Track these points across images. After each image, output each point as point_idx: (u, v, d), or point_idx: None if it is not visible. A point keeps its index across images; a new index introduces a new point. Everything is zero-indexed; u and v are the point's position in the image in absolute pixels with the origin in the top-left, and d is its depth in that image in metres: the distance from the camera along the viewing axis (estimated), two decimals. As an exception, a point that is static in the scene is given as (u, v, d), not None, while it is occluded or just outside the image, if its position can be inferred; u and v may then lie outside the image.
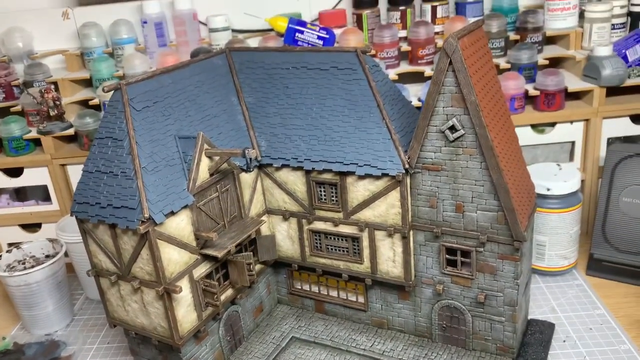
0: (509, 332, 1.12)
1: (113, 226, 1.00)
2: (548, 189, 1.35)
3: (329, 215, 1.18)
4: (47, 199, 1.64)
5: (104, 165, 1.02)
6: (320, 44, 1.55)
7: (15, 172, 1.61)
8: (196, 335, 1.11)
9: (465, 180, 1.03)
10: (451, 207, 1.07)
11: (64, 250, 1.42)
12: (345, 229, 1.18)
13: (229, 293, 1.17)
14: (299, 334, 1.28)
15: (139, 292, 1.05)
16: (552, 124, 1.53)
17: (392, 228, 1.12)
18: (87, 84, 1.72)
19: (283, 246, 1.28)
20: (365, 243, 1.17)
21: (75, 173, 1.58)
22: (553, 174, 1.39)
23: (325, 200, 1.18)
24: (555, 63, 1.65)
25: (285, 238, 1.26)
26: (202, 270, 1.09)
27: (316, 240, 1.23)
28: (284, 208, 1.23)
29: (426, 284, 1.16)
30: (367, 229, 1.15)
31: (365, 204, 1.13)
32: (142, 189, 0.96)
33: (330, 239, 1.21)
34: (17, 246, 1.46)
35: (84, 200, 1.03)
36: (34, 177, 1.61)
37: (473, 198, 1.04)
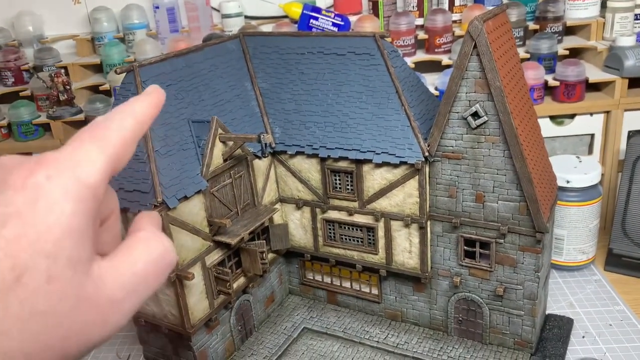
0: (528, 327, 1.09)
1: (125, 210, 0.98)
2: (568, 182, 1.31)
3: (344, 204, 1.16)
4: (56, 185, 1.62)
5: (115, 148, 0.99)
6: (335, 30, 1.52)
7: (24, 158, 1.59)
8: (207, 324, 1.08)
9: (486, 169, 1.00)
10: (471, 197, 1.04)
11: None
12: (360, 219, 1.15)
13: (241, 282, 1.15)
14: (311, 324, 1.25)
15: (149, 279, 1.03)
16: (572, 116, 1.50)
17: (409, 218, 1.09)
18: (98, 69, 1.70)
19: (296, 235, 1.25)
20: (380, 233, 1.14)
21: (84, 159, 1.56)
22: (573, 166, 1.35)
23: (340, 189, 1.15)
24: (575, 54, 1.61)
25: (298, 227, 1.24)
26: (215, 257, 1.06)
27: (330, 229, 1.20)
28: (298, 196, 1.21)
29: (442, 276, 1.14)
30: (383, 218, 1.12)
31: (382, 193, 1.10)
32: (155, 173, 0.94)
33: (345, 228, 1.18)
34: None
35: (95, 184, 1.01)
36: (43, 163, 1.59)
37: (494, 188, 1.01)
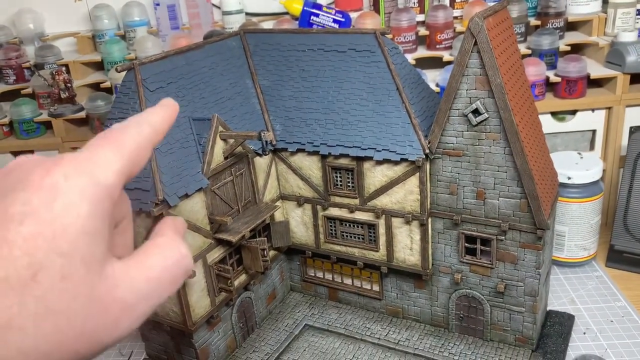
0: (529, 323, 1.09)
1: (126, 209, 0.98)
2: (569, 178, 1.31)
3: (345, 201, 1.16)
4: (58, 183, 1.63)
5: (116, 146, 0.99)
6: (336, 27, 1.52)
7: (25, 155, 1.60)
8: (209, 321, 1.09)
9: (487, 166, 1.00)
10: (472, 194, 1.04)
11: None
12: (361, 216, 1.15)
13: (242, 279, 1.15)
14: (312, 321, 1.25)
15: (151, 277, 1.03)
16: (573, 112, 1.49)
17: (410, 215, 1.09)
18: (99, 66, 1.70)
19: (297, 232, 1.25)
20: (381, 230, 1.14)
21: (86, 157, 1.56)
22: (574, 162, 1.35)
23: (341, 186, 1.15)
24: (576, 49, 1.61)
25: (300, 224, 1.24)
26: (216, 255, 1.07)
27: (331, 226, 1.20)
28: (299, 194, 1.21)
29: (444, 273, 1.14)
30: (384, 215, 1.12)
31: (383, 190, 1.10)
32: (156, 171, 0.94)
33: (346, 225, 1.18)
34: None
35: (96, 182, 1.01)
36: (44, 161, 1.59)
37: (495, 184, 1.01)
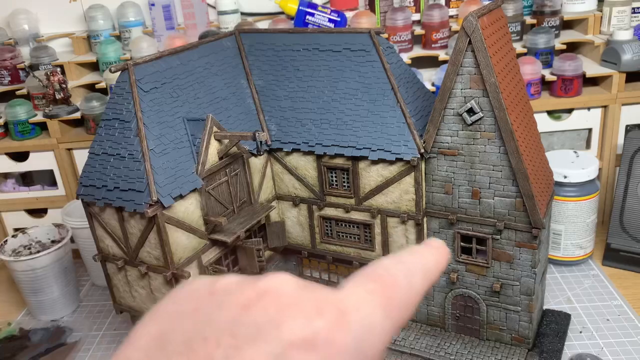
0: (525, 322, 1.09)
1: (120, 209, 0.98)
2: (565, 177, 1.31)
3: (341, 201, 1.16)
4: (53, 184, 1.62)
5: (110, 147, 0.99)
6: (331, 27, 1.52)
7: (21, 157, 1.59)
8: (204, 322, 1.08)
9: (482, 166, 1.00)
10: (467, 194, 1.04)
11: (70, 236, 1.40)
12: (357, 216, 1.15)
13: (238, 280, 1.15)
14: (309, 322, 1.25)
15: (146, 278, 1.03)
16: (569, 111, 1.49)
17: (406, 215, 1.09)
18: (94, 67, 1.69)
19: (293, 233, 1.25)
20: (377, 230, 1.14)
21: (81, 158, 1.56)
22: (570, 161, 1.35)
23: (336, 186, 1.15)
24: (572, 48, 1.61)
25: (295, 224, 1.24)
26: (211, 255, 1.06)
27: (327, 226, 1.20)
28: (294, 194, 1.21)
29: (440, 273, 1.13)
30: (380, 215, 1.12)
31: (378, 190, 1.10)
32: (150, 172, 0.94)
33: (342, 225, 1.18)
34: (23, 231, 1.44)
35: (90, 183, 1.01)
36: (39, 162, 1.58)
37: (490, 184, 1.01)
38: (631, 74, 1.46)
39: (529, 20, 1.60)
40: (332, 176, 1.14)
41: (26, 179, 1.68)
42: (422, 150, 1.03)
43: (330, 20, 1.52)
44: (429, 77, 1.53)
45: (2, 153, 1.58)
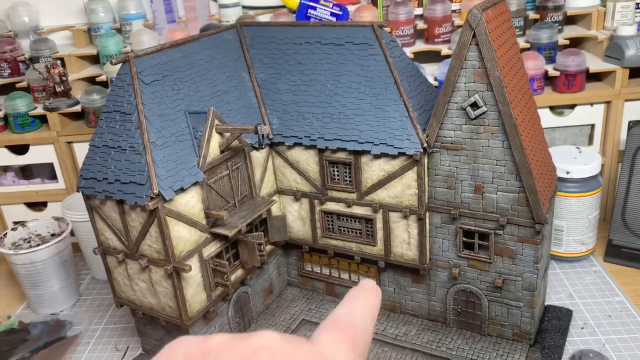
0: (527, 318, 1.08)
1: (121, 202, 0.97)
2: (568, 172, 1.31)
3: (342, 195, 1.15)
4: (53, 177, 1.62)
5: (111, 139, 0.98)
6: (333, 20, 1.51)
7: (21, 150, 1.59)
8: (205, 316, 1.08)
9: (485, 160, 0.99)
10: (470, 188, 1.03)
11: (70, 229, 1.40)
12: (358, 210, 1.14)
13: (239, 273, 1.14)
14: (309, 316, 1.25)
15: (147, 271, 1.03)
16: (572, 106, 1.49)
17: (408, 209, 1.08)
18: (94, 60, 1.69)
19: (294, 227, 1.24)
20: (379, 225, 1.13)
21: (81, 151, 1.55)
22: (573, 157, 1.34)
23: (338, 180, 1.14)
24: (575, 43, 1.60)
25: (297, 219, 1.23)
26: (212, 249, 1.06)
27: (328, 221, 1.20)
28: (296, 188, 1.20)
29: (441, 268, 1.13)
30: (382, 210, 1.11)
31: (380, 184, 1.09)
32: (151, 165, 0.93)
33: (343, 220, 1.18)
34: (23, 224, 1.44)
35: (90, 176, 1.00)
36: (40, 155, 1.58)
37: (493, 179, 1.00)
38: (635, 70, 1.45)
39: (532, 15, 1.59)
40: (334, 170, 1.14)
41: (26, 172, 1.67)
42: (425, 145, 1.02)
43: (332, 14, 1.51)
44: (432, 72, 1.52)
45: (2, 146, 1.57)
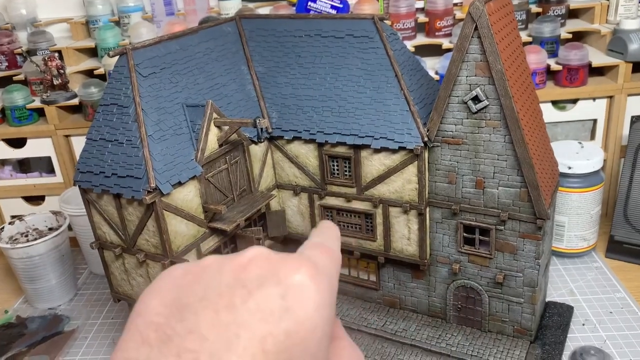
0: (528, 314, 1.08)
1: (118, 196, 0.96)
2: (569, 167, 1.30)
3: (342, 190, 1.14)
4: (51, 171, 1.60)
5: (108, 133, 0.97)
6: (333, 13, 1.49)
7: (18, 143, 1.57)
8: (203, 311, 1.07)
9: (487, 155, 0.98)
10: (471, 183, 1.02)
11: (68, 223, 1.39)
12: (358, 205, 1.13)
13: (237, 269, 1.13)
14: (309, 312, 1.24)
15: (144, 266, 1.02)
16: (574, 101, 1.47)
17: (408, 204, 1.07)
18: (92, 53, 1.67)
19: (293, 222, 1.23)
20: (379, 220, 1.12)
21: (79, 144, 1.54)
22: (575, 152, 1.33)
23: (338, 174, 1.13)
24: (578, 37, 1.58)
25: (296, 213, 1.22)
26: (210, 244, 1.05)
27: (328, 216, 1.19)
28: (295, 182, 1.19)
29: (441, 263, 1.12)
30: (382, 205, 1.10)
31: (380, 179, 1.08)
32: (149, 158, 0.92)
33: (343, 215, 1.17)
34: (20, 218, 1.43)
35: (87, 169, 0.99)
36: (37, 148, 1.57)
37: (495, 173, 0.99)
38: (638, 64, 1.44)
39: (535, 8, 1.58)
40: (334, 165, 1.13)
41: (23, 166, 1.66)
42: (426, 139, 1.01)
43: (332, 7, 1.49)
44: (433, 66, 1.51)
45: (0, 139, 1.56)
